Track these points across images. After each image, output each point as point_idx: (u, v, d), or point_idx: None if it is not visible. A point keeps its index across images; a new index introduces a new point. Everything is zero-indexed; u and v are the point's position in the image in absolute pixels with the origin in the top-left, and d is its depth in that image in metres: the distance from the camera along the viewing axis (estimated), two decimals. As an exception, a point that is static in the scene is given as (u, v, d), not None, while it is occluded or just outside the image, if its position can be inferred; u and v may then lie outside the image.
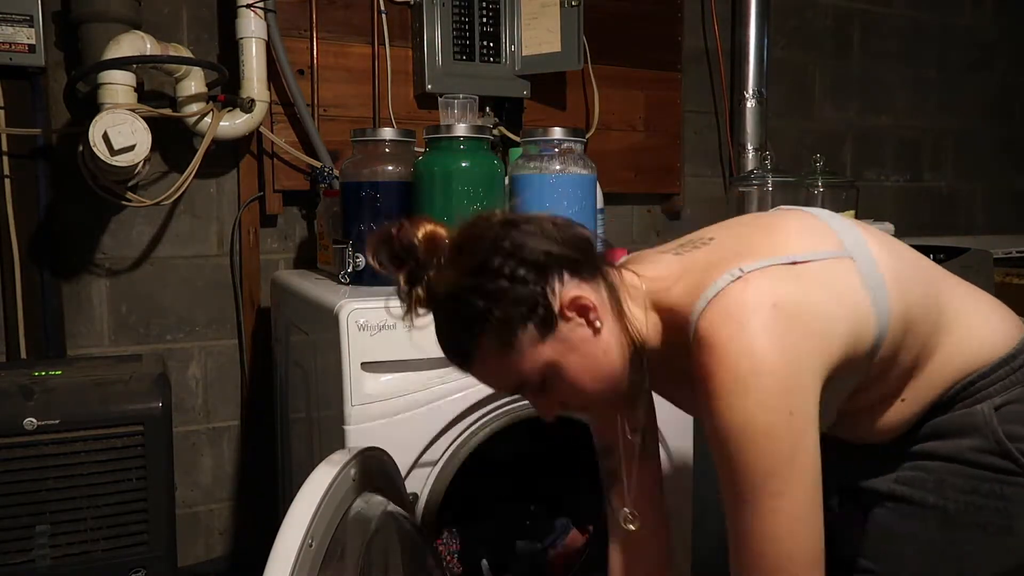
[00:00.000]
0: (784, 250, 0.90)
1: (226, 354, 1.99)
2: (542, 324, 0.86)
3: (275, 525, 0.91)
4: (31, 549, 1.35)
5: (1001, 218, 3.24)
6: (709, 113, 2.57)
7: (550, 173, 1.49)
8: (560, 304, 0.86)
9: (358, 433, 1.29)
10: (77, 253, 1.83)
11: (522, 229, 0.88)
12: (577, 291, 0.87)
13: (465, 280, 0.86)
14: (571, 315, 0.87)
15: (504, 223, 0.89)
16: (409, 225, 0.90)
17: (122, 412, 1.40)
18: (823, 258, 0.90)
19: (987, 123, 3.18)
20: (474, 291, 0.86)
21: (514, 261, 0.85)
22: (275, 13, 1.82)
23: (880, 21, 2.89)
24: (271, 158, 1.93)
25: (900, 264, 0.95)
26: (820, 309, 0.85)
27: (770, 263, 0.87)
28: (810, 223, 0.97)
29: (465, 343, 0.89)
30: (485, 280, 0.85)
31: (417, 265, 0.89)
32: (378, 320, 1.30)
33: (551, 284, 0.86)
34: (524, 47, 2.06)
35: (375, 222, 1.50)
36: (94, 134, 1.49)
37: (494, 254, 0.86)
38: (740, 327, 0.82)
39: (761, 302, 0.83)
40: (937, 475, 0.95)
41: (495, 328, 0.86)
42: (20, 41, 1.63)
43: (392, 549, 1.17)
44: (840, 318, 0.86)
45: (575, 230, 0.91)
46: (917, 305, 0.93)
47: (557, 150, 1.51)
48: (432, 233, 0.89)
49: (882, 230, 2.21)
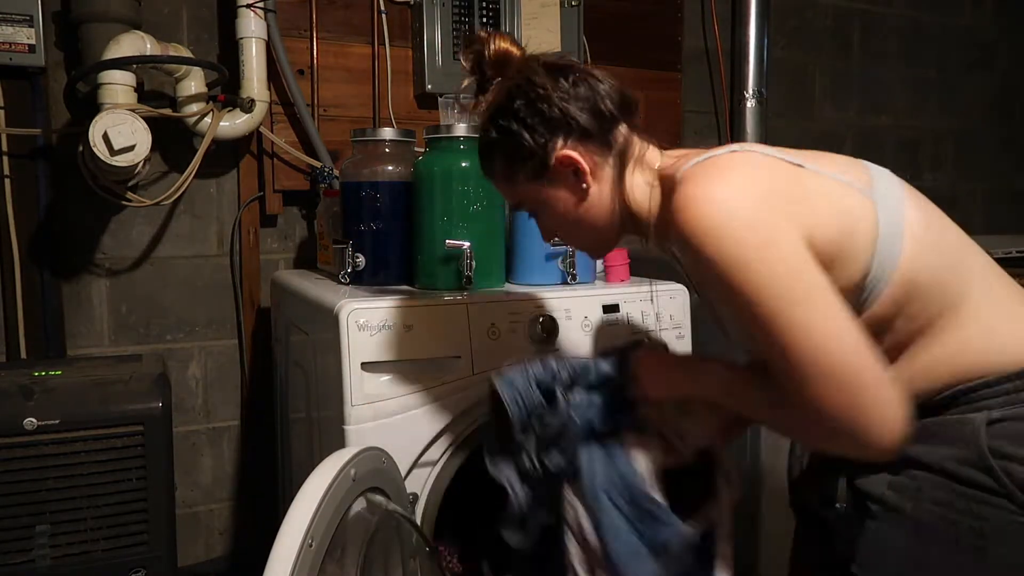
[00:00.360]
0: (804, 159, 0.91)
1: (226, 354, 1.99)
2: (535, 169, 1.00)
3: (275, 525, 0.91)
4: (31, 549, 1.35)
5: (1001, 218, 3.24)
6: (709, 113, 2.57)
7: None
8: (555, 159, 0.98)
9: (358, 433, 1.29)
10: (77, 253, 1.83)
11: (559, 84, 0.99)
12: (573, 152, 0.98)
13: (493, 110, 1.02)
14: (563, 170, 0.99)
15: (551, 69, 1.01)
16: (491, 39, 1.05)
17: (122, 412, 1.40)
18: (843, 182, 0.91)
19: (987, 123, 3.18)
20: (494, 123, 1.01)
21: (532, 110, 0.98)
22: (275, 13, 1.82)
23: (880, 21, 2.89)
24: (271, 158, 1.93)
25: (929, 231, 0.93)
26: (810, 201, 0.87)
27: (779, 155, 0.91)
28: (855, 164, 0.96)
29: (484, 157, 1.06)
30: (505, 117, 1.00)
31: (483, 78, 1.06)
32: (378, 320, 1.30)
33: (554, 139, 0.98)
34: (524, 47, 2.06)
35: (375, 222, 1.50)
36: (94, 134, 1.49)
37: (520, 97, 0.99)
38: (718, 177, 0.87)
39: (748, 162, 0.89)
40: (918, 483, 0.90)
41: (502, 157, 1.02)
42: (20, 41, 1.63)
43: (392, 549, 1.17)
44: (830, 223, 0.87)
45: (611, 95, 1.02)
46: (932, 274, 0.90)
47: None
48: (503, 53, 1.05)
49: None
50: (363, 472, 1.07)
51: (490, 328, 1.37)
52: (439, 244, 1.42)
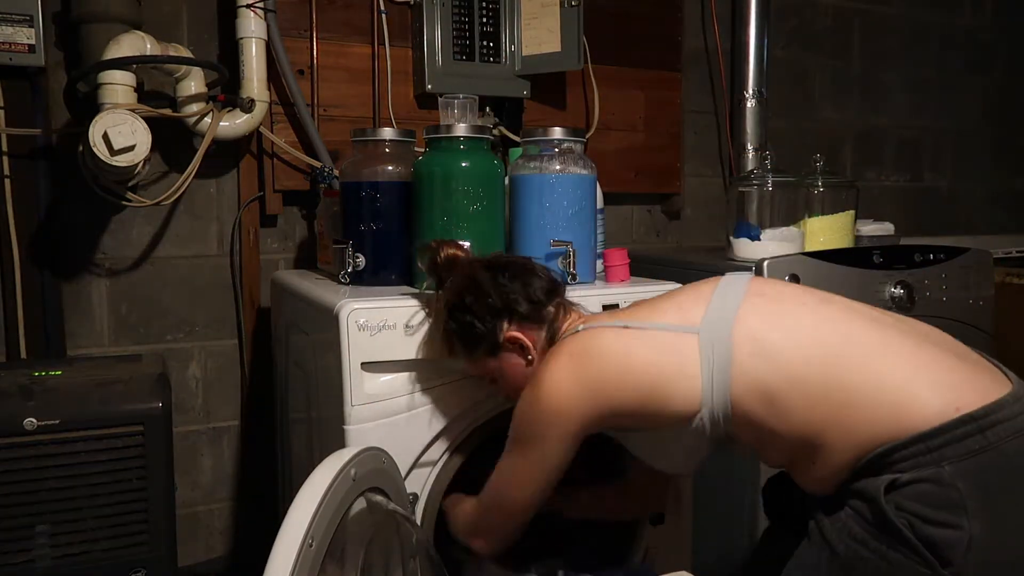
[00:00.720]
0: (636, 317, 1.17)
1: (226, 354, 1.99)
2: (490, 349, 1.24)
3: (275, 525, 0.91)
4: (31, 549, 1.35)
5: (1001, 218, 3.24)
6: (709, 113, 2.57)
7: (550, 173, 1.49)
8: (504, 338, 1.23)
9: (358, 433, 1.29)
10: (77, 253, 1.83)
11: (497, 279, 1.23)
12: (518, 332, 1.23)
13: (449, 305, 1.26)
14: (511, 346, 1.23)
15: (489, 267, 1.25)
16: (440, 247, 1.29)
17: (122, 412, 1.40)
18: (662, 329, 1.12)
19: (987, 123, 3.18)
20: (451, 316, 1.26)
21: (480, 303, 1.22)
22: (275, 13, 1.82)
23: (880, 21, 2.89)
24: (271, 158, 1.93)
25: (781, 342, 1.05)
26: (622, 368, 1.11)
27: (609, 324, 1.17)
28: (703, 295, 1.15)
29: (448, 342, 1.30)
30: (460, 311, 1.24)
31: (439, 279, 1.29)
32: (378, 320, 1.30)
33: (501, 323, 1.23)
34: (524, 47, 2.06)
35: (375, 222, 1.50)
36: (94, 134, 1.49)
37: (468, 293, 1.23)
38: (547, 365, 1.17)
39: (565, 351, 1.17)
40: (846, 517, 1.00)
41: (461, 341, 1.26)
42: (20, 41, 1.63)
43: (393, 549, 1.17)
44: (640, 380, 1.10)
45: (541, 282, 1.25)
46: (788, 380, 1.02)
47: (557, 150, 1.51)
48: (451, 257, 1.28)
49: (881, 231, 2.20)
50: (363, 472, 1.07)
51: (490, 328, 1.37)
52: (439, 244, 1.42)
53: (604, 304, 1.48)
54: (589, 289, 1.49)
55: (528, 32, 2.05)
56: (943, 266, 1.97)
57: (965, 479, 0.92)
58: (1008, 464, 0.94)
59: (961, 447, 0.93)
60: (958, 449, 0.93)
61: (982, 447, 0.93)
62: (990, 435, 0.93)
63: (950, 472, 0.92)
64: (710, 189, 2.58)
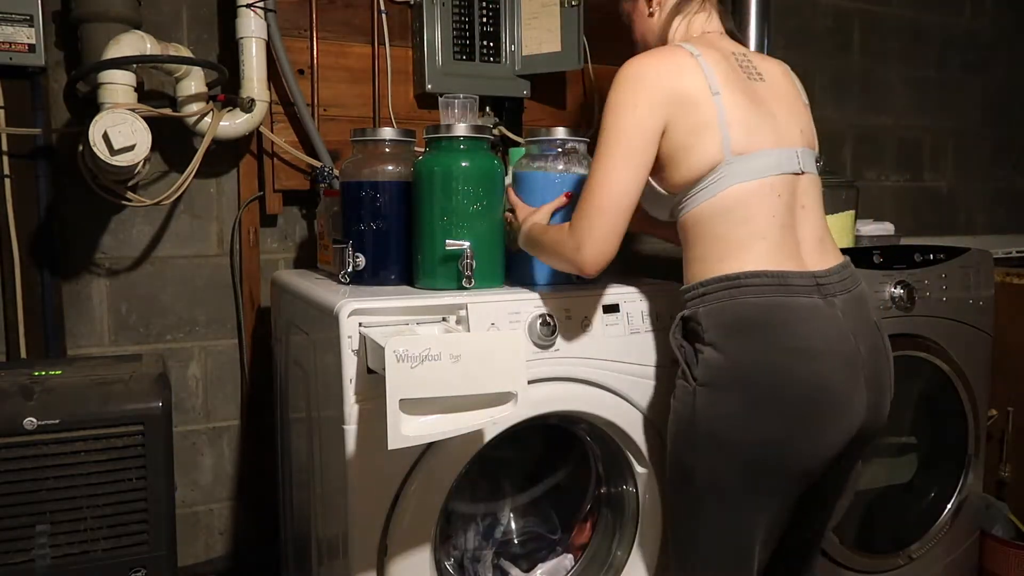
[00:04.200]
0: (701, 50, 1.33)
1: (226, 354, 1.99)
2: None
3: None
4: (31, 549, 1.35)
5: (1001, 218, 3.24)
6: (709, 113, 2.56)
7: (554, 172, 1.49)
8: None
9: (358, 433, 1.29)
10: (77, 253, 1.83)
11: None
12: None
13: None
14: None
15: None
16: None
17: (122, 412, 1.40)
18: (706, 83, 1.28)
19: (987, 123, 3.18)
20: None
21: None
22: (275, 13, 1.82)
23: (880, 21, 2.89)
24: (271, 158, 1.93)
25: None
26: (683, 101, 1.26)
27: (691, 49, 1.32)
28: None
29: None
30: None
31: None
32: (378, 320, 1.30)
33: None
34: (524, 47, 2.06)
35: (375, 222, 1.50)
36: (94, 134, 1.49)
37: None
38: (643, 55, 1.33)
39: (670, 55, 1.31)
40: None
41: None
42: (20, 41, 1.63)
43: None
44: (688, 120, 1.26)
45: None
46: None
47: (560, 150, 1.51)
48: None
49: (881, 231, 2.20)
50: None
51: (490, 328, 1.37)
52: (439, 244, 1.42)
53: (604, 304, 1.48)
54: (589, 289, 1.49)
55: (528, 32, 2.05)
56: (943, 266, 1.97)
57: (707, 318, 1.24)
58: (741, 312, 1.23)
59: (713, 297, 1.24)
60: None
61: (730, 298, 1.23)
62: (735, 292, 1.23)
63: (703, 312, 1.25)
64: (710, 189, 2.57)
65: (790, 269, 1.24)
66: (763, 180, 1.25)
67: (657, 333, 1.51)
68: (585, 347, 1.45)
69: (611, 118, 1.27)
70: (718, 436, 1.22)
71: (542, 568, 1.66)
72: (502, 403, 1.21)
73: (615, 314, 1.48)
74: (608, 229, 1.25)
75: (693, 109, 1.25)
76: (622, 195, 1.25)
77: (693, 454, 1.25)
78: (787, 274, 1.23)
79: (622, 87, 1.27)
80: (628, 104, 1.25)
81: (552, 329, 1.41)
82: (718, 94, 1.25)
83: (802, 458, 1.22)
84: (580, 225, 1.27)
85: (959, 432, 2.00)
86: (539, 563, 1.67)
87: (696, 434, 1.24)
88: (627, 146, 1.25)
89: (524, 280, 1.52)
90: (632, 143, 1.25)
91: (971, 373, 1.95)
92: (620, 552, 1.60)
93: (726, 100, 1.25)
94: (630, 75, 1.27)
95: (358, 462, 1.29)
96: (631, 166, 1.25)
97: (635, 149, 1.25)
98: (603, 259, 1.27)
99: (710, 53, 1.30)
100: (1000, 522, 2.19)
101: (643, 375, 1.50)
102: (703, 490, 1.26)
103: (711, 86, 1.26)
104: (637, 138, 1.25)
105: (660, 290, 1.54)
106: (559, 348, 1.42)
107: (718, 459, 1.23)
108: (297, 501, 1.70)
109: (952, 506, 2.03)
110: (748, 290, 1.22)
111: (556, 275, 1.50)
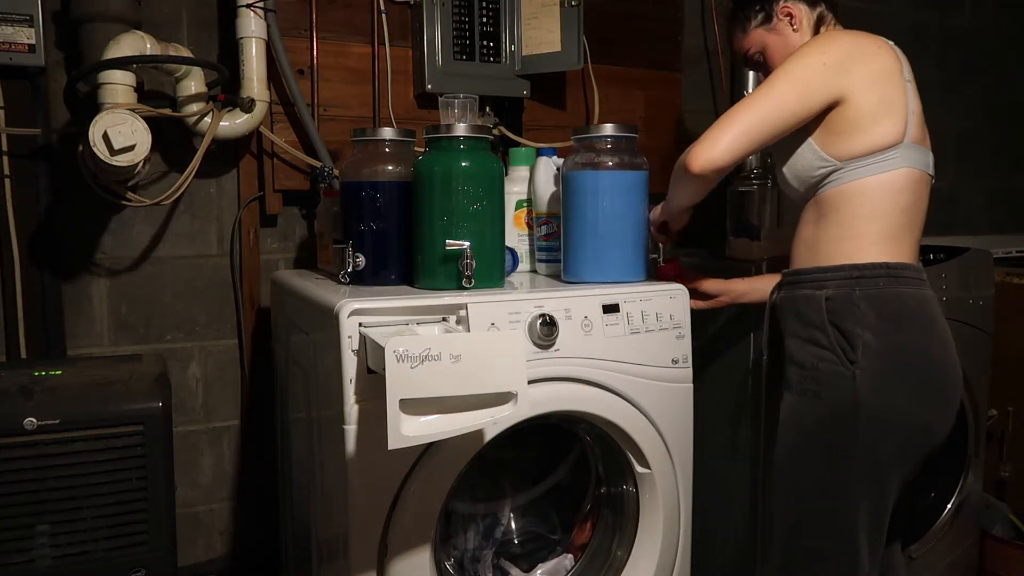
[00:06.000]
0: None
1: (226, 354, 1.99)
2: (765, 18, 1.53)
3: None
4: (31, 549, 1.35)
5: (1001, 218, 3.24)
6: (709, 113, 2.56)
7: (604, 170, 1.53)
8: (778, 9, 1.51)
9: (358, 433, 1.29)
10: (77, 253, 1.83)
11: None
12: (793, 7, 1.51)
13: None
14: (783, 17, 1.51)
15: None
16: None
17: (122, 412, 1.40)
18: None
19: (987, 123, 3.18)
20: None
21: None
22: (275, 13, 1.82)
23: (880, 21, 2.89)
24: (271, 158, 1.93)
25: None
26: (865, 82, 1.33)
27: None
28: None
29: (734, 19, 1.59)
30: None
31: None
32: (378, 320, 1.30)
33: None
34: (524, 47, 2.06)
35: (375, 222, 1.50)
36: (94, 134, 1.49)
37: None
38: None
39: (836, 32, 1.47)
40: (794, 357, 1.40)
41: (741, 16, 1.56)
42: (20, 41, 1.63)
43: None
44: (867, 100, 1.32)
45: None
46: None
47: (610, 146, 1.54)
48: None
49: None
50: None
51: (490, 328, 1.37)
52: (439, 244, 1.42)
53: (604, 304, 1.48)
54: (589, 289, 1.49)
55: (528, 32, 2.05)
56: (943, 266, 1.97)
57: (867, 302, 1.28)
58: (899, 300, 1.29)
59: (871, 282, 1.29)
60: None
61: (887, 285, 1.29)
62: (893, 281, 1.29)
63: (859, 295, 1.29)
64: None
65: (918, 264, 1.35)
66: (923, 173, 1.35)
67: (657, 333, 1.51)
68: (585, 347, 1.45)
69: (799, 59, 1.32)
70: (884, 418, 1.26)
71: (542, 568, 1.66)
72: (502, 403, 1.21)
73: (615, 314, 1.48)
74: (735, 140, 1.30)
75: (890, 86, 1.32)
76: (775, 119, 1.30)
77: (851, 436, 1.27)
78: (922, 269, 1.34)
79: (819, 43, 1.35)
80: (816, 54, 1.32)
81: (552, 329, 1.41)
82: (910, 82, 1.36)
83: (937, 440, 1.31)
84: (716, 124, 1.32)
85: (959, 432, 2.00)
86: (539, 563, 1.67)
87: (858, 417, 1.26)
88: (807, 84, 1.30)
89: (582, 276, 1.56)
90: (812, 85, 1.30)
91: (971, 373, 1.95)
92: (620, 552, 1.60)
93: (910, 89, 1.35)
94: (831, 38, 1.37)
95: (358, 462, 1.29)
96: (799, 99, 1.30)
97: (813, 91, 1.30)
98: (712, 161, 1.30)
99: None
100: (1000, 522, 2.19)
101: (643, 375, 1.50)
102: (859, 472, 1.28)
103: (904, 72, 1.36)
104: (816, 82, 1.30)
105: (662, 289, 1.54)
106: (559, 348, 1.42)
107: (881, 439, 1.27)
108: (297, 501, 1.70)
109: (952, 506, 2.03)
110: (904, 281, 1.30)
111: (613, 274, 1.54)
